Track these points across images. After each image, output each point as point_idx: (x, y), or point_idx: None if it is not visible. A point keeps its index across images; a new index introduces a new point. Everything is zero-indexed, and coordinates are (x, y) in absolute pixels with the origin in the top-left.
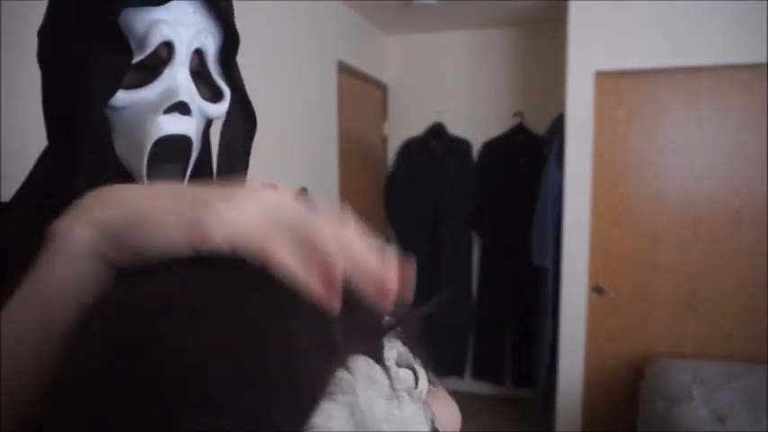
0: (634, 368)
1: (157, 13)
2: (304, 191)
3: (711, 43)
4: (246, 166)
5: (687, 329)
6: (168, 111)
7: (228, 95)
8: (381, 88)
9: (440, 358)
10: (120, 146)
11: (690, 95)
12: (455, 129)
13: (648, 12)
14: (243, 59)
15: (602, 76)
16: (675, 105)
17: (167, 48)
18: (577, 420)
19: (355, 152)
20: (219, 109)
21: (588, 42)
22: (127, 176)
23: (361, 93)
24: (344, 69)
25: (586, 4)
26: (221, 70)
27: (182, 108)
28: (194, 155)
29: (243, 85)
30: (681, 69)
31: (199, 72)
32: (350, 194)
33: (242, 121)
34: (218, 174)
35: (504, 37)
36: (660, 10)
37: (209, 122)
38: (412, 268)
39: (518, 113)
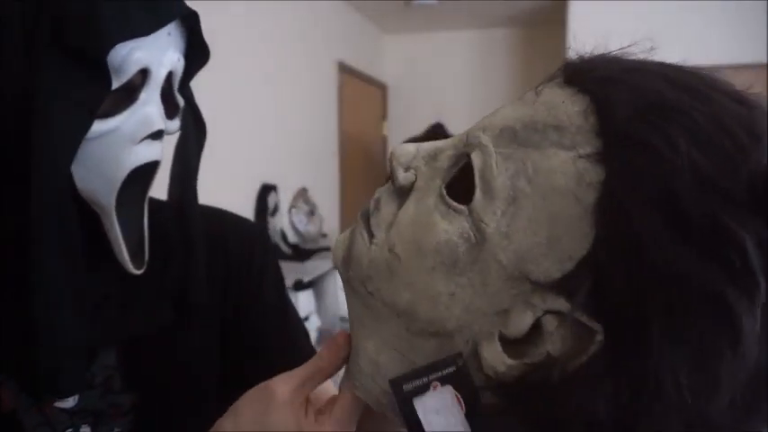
0: None
1: (136, 39)
2: (304, 191)
3: (711, 43)
4: (197, 173)
5: None
6: (143, 139)
7: (182, 108)
8: (381, 88)
9: None
10: (85, 177)
11: None
12: (455, 129)
13: (648, 12)
14: (243, 60)
15: None
16: None
17: (142, 73)
18: None
19: (355, 152)
20: (176, 125)
21: (588, 42)
22: (83, 204)
23: (361, 93)
24: (344, 69)
25: (586, 4)
26: (178, 85)
27: (156, 135)
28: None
29: (193, 96)
30: None
31: (164, 91)
32: (350, 194)
33: (195, 133)
34: (171, 189)
35: (504, 37)
36: (660, 10)
37: None
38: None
39: None
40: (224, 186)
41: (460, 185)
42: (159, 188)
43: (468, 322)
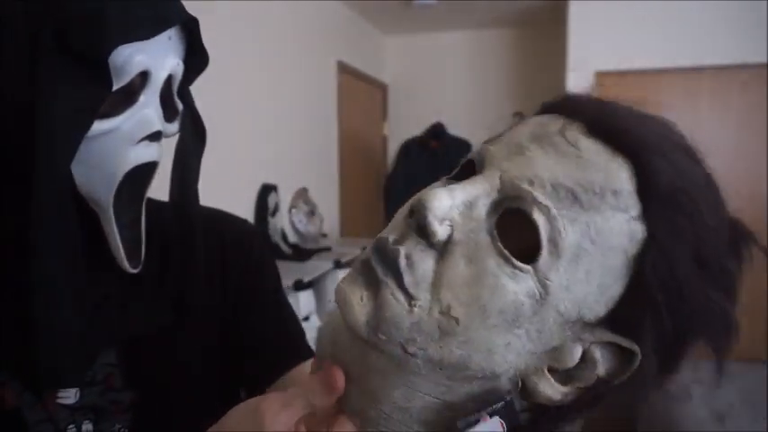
0: None
1: (138, 42)
2: (304, 191)
3: (711, 43)
4: (198, 176)
5: None
6: (142, 140)
7: (181, 111)
8: (381, 88)
9: None
10: (84, 175)
11: (690, 95)
12: (455, 129)
13: (648, 12)
14: (243, 60)
15: (602, 76)
16: (675, 105)
17: (142, 76)
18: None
19: (355, 152)
20: (174, 128)
21: (588, 42)
22: (82, 204)
23: (361, 93)
24: (344, 69)
25: (586, 4)
26: (177, 89)
27: (153, 136)
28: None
29: (193, 101)
30: (681, 69)
31: (163, 94)
32: (350, 194)
33: (193, 137)
34: (172, 191)
35: (503, 37)
36: (660, 10)
37: None
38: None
39: (518, 113)
40: (224, 186)
41: (501, 237)
42: (161, 189)
43: (517, 364)
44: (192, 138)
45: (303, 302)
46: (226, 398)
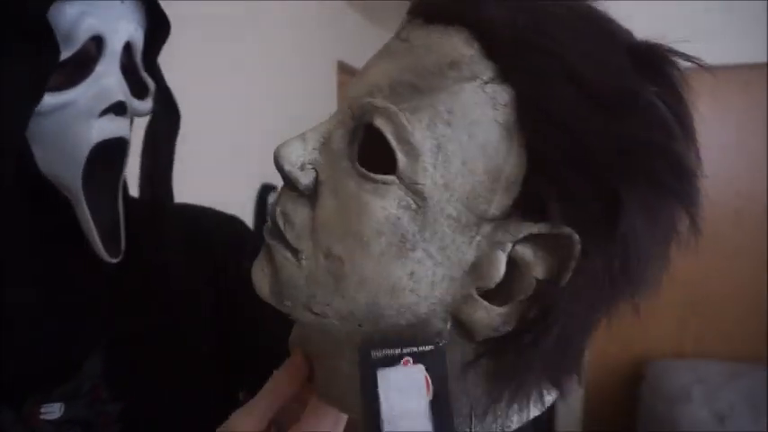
0: (634, 369)
1: (83, 4)
2: None
3: (711, 43)
4: (171, 166)
5: (687, 330)
6: (103, 113)
7: (153, 90)
8: None
9: None
10: (45, 157)
11: (690, 95)
12: None
13: (648, 12)
14: (243, 60)
15: None
16: None
17: (96, 43)
18: (577, 420)
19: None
20: (146, 106)
21: None
22: (52, 192)
23: None
24: (344, 69)
25: None
26: (144, 63)
27: (117, 108)
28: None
29: (164, 79)
30: None
31: (126, 67)
32: None
33: (166, 118)
34: (143, 175)
35: None
36: (660, 10)
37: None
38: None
39: None
40: (224, 186)
41: (371, 161)
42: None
43: (439, 298)
44: (164, 118)
45: None
46: (223, 402)
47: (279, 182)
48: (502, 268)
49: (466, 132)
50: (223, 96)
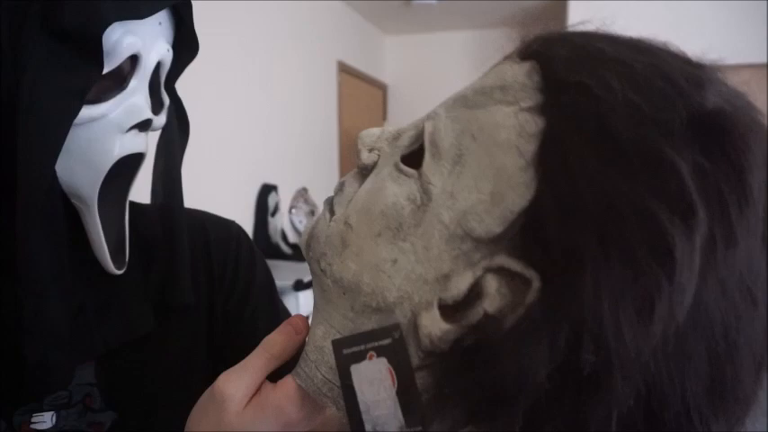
0: None
1: (128, 23)
2: (304, 191)
3: (711, 43)
4: (181, 177)
5: None
6: (130, 129)
7: (167, 105)
8: (381, 88)
9: None
10: (67, 167)
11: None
12: None
13: (648, 12)
14: (243, 60)
15: None
16: None
17: (131, 60)
18: None
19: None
20: (161, 121)
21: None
22: (62, 196)
23: (361, 93)
24: (344, 69)
25: (586, 4)
26: (165, 80)
27: (143, 125)
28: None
29: (177, 93)
30: None
31: (152, 84)
32: None
33: (179, 131)
34: (155, 186)
35: (503, 37)
36: (660, 10)
37: None
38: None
39: None
40: (224, 186)
41: (418, 159)
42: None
43: (409, 293)
44: (177, 132)
45: (303, 302)
46: None
47: (279, 182)
48: (463, 288)
49: (487, 151)
50: (223, 96)
